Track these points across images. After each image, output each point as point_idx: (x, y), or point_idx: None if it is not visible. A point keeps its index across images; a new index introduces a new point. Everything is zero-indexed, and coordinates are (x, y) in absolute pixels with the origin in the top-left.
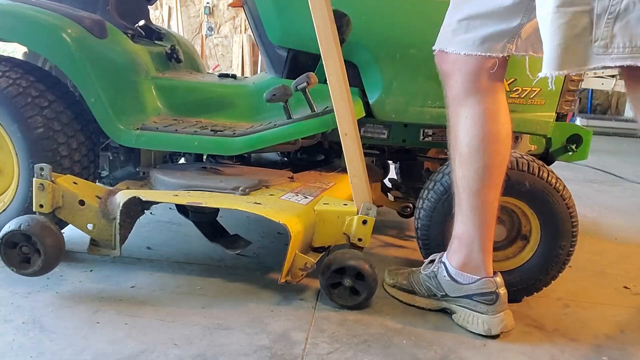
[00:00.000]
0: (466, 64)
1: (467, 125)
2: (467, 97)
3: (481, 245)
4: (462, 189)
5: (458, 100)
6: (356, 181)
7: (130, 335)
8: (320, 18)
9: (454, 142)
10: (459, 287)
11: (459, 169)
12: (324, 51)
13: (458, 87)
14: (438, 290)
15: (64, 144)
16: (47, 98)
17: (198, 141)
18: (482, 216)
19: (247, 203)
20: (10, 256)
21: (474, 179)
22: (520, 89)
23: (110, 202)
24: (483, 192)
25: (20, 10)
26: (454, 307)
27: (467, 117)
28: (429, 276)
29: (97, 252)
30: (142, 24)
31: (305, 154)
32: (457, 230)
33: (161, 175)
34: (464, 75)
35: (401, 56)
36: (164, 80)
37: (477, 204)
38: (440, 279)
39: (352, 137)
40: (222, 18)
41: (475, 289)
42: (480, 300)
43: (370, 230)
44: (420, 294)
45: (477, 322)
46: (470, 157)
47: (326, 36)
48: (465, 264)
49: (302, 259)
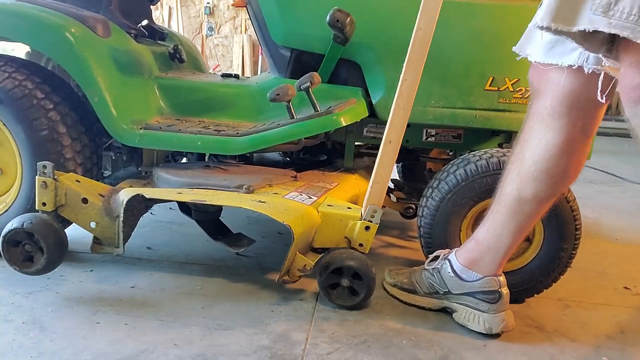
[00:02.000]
0: (562, 83)
1: (538, 148)
2: (552, 120)
3: (497, 256)
4: (502, 204)
5: (540, 119)
6: (377, 187)
7: (130, 335)
8: (425, 21)
9: (515, 156)
10: (462, 284)
11: (509, 185)
12: (412, 55)
13: (546, 106)
14: (441, 287)
15: (68, 147)
16: (52, 100)
17: (201, 141)
18: (511, 236)
19: (251, 201)
20: (13, 254)
21: (519, 203)
22: (523, 89)
23: (113, 200)
24: (523, 217)
25: (23, 9)
26: (455, 306)
27: (541, 140)
28: (432, 272)
29: (100, 251)
30: (145, 23)
31: (307, 154)
32: (479, 235)
33: (164, 173)
34: (560, 95)
35: (404, 56)
36: (167, 80)
37: (513, 224)
38: (444, 275)
39: (394, 147)
40: (223, 18)
41: (479, 286)
42: (483, 298)
43: (372, 237)
44: (421, 292)
45: (478, 321)
46: (526, 182)
47: (422, 41)
48: (472, 262)
49: (302, 260)
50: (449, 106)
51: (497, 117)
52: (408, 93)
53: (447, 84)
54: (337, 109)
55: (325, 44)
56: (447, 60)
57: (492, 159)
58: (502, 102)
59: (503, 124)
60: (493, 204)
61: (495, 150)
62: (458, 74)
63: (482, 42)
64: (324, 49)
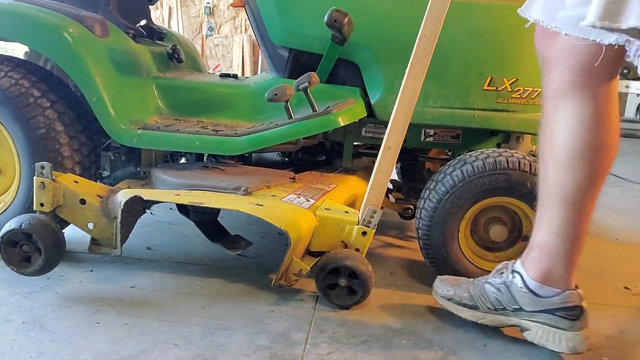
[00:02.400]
0: (580, 52)
1: (569, 127)
2: (575, 92)
3: (568, 258)
4: (554, 197)
5: (561, 94)
6: (375, 193)
7: (130, 335)
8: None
9: (547, 142)
10: (539, 301)
11: (554, 175)
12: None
13: (564, 80)
14: (510, 304)
15: (66, 145)
16: (49, 99)
17: (199, 141)
18: (575, 229)
19: (249, 204)
20: (10, 255)
21: (572, 189)
22: (522, 89)
23: (111, 201)
24: (581, 203)
25: (22, 9)
26: (527, 324)
27: (572, 118)
28: (498, 287)
29: (98, 251)
30: (143, 23)
31: (306, 154)
32: (539, 239)
33: (162, 174)
34: (575, 66)
35: (402, 56)
36: (166, 80)
37: (572, 215)
38: (514, 291)
39: (393, 153)
40: (223, 18)
41: (559, 302)
42: (563, 315)
43: (368, 242)
44: (483, 308)
45: (559, 340)
46: (571, 164)
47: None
48: (546, 275)
49: (298, 265)
50: (447, 106)
51: (495, 117)
52: (409, 100)
53: (445, 84)
54: (336, 109)
55: (324, 44)
56: (446, 60)
57: (489, 159)
58: (500, 102)
59: (501, 124)
60: (541, 201)
61: (491, 150)
62: (456, 74)
63: (480, 42)
64: (322, 49)
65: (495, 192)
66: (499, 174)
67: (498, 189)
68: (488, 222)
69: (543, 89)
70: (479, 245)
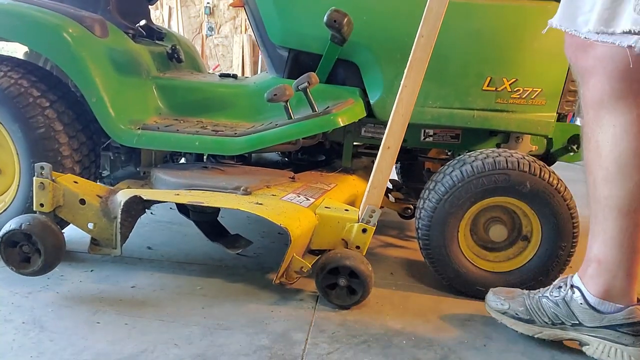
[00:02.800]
0: (618, 59)
1: (615, 136)
2: (617, 101)
3: (628, 270)
4: (607, 209)
5: (602, 104)
6: (374, 192)
7: (130, 335)
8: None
9: (594, 154)
10: (600, 317)
11: (604, 187)
12: (413, 62)
13: (603, 89)
14: (569, 319)
15: (66, 144)
16: (48, 98)
17: (199, 141)
18: (632, 239)
19: (249, 203)
20: (10, 255)
21: (626, 198)
22: (521, 89)
23: (111, 201)
24: (637, 212)
25: (21, 9)
26: (587, 339)
27: (616, 126)
28: (556, 303)
29: (98, 252)
30: (143, 23)
31: (306, 154)
32: (597, 253)
33: (162, 174)
34: (614, 74)
35: (402, 56)
36: (165, 80)
37: (628, 225)
38: (573, 307)
39: (393, 152)
40: (223, 18)
41: (621, 319)
42: (627, 331)
43: (369, 239)
44: (540, 323)
45: (621, 356)
46: (621, 174)
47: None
48: (607, 291)
49: (299, 263)
50: (446, 106)
51: (495, 118)
52: (408, 100)
53: (444, 84)
54: (335, 109)
55: (323, 44)
56: (445, 60)
57: (488, 160)
58: (499, 103)
59: (501, 124)
60: (593, 214)
61: (490, 150)
62: (456, 74)
63: (480, 42)
64: (322, 49)
65: (495, 192)
66: (498, 174)
67: (497, 189)
68: (488, 222)
69: (582, 99)
70: (479, 245)
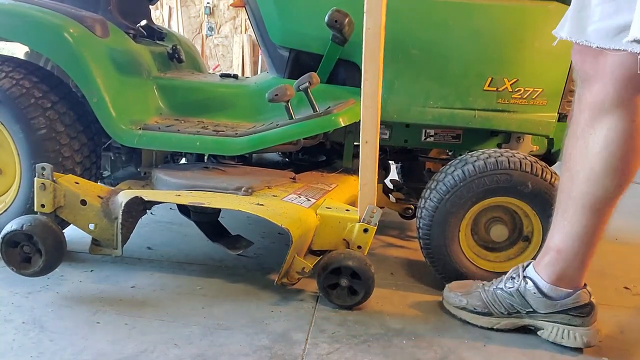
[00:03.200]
0: (627, 66)
1: (608, 139)
2: (617, 107)
3: (583, 261)
4: (580, 205)
5: (601, 108)
6: (366, 189)
7: (130, 335)
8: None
9: (580, 153)
10: (553, 304)
11: (584, 185)
12: (367, 54)
13: (605, 95)
14: (524, 308)
15: (67, 145)
16: (50, 99)
17: (200, 141)
18: (596, 234)
19: (250, 204)
20: (11, 256)
21: (602, 197)
22: (522, 89)
23: (112, 201)
24: (606, 210)
25: (22, 10)
26: (541, 324)
27: (610, 130)
28: (510, 293)
29: (99, 252)
30: (143, 23)
31: (307, 155)
32: (558, 243)
33: (163, 175)
34: (618, 81)
35: (403, 56)
36: (166, 80)
37: (596, 222)
38: (527, 296)
39: (372, 146)
40: (223, 18)
41: (572, 303)
42: (576, 313)
43: (370, 239)
44: (497, 314)
45: (573, 336)
46: (605, 174)
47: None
48: (559, 277)
49: (300, 263)
50: (447, 106)
51: (496, 118)
52: (371, 92)
53: (445, 85)
54: (336, 109)
55: (324, 44)
56: (446, 60)
57: (490, 159)
58: (500, 103)
59: (502, 124)
60: (561, 207)
61: (492, 150)
62: (456, 74)
63: (480, 42)
64: (323, 49)
65: (497, 192)
66: (500, 173)
67: (499, 189)
68: (489, 222)
69: (578, 101)
70: (480, 245)
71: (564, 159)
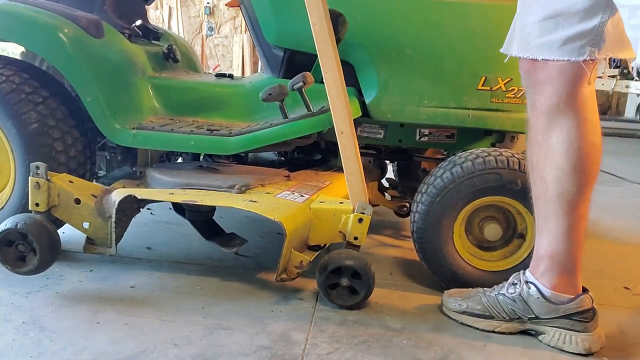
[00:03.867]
0: (569, 71)
1: (568, 137)
2: (568, 107)
3: (575, 262)
4: (558, 206)
5: (556, 111)
6: (352, 179)
7: (130, 335)
8: (316, 15)
9: (544, 156)
10: (555, 308)
11: (557, 186)
12: (320, 48)
13: (557, 97)
14: (526, 313)
15: (59, 139)
16: (41, 94)
17: (194, 140)
18: (579, 232)
19: (243, 201)
20: (5, 254)
21: (575, 193)
22: (516, 88)
23: (106, 200)
24: (581, 205)
25: (17, 9)
26: (542, 329)
27: (568, 128)
28: (513, 299)
29: (93, 251)
30: (139, 23)
31: (301, 154)
32: (548, 249)
33: (157, 173)
34: (565, 83)
35: (397, 56)
36: (161, 80)
37: (576, 219)
38: (530, 302)
39: (348, 135)
40: (223, 18)
41: (574, 308)
42: (579, 319)
43: (366, 229)
44: (499, 318)
45: (575, 342)
46: (573, 170)
47: (322, 33)
48: (559, 283)
49: (298, 257)
50: (441, 106)
51: (489, 117)
52: (334, 82)
53: (439, 84)
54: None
55: None
56: (440, 59)
57: (477, 160)
58: (494, 102)
59: (496, 123)
60: (542, 214)
61: (480, 150)
62: (451, 73)
63: (474, 41)
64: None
65: (487, 191)
66: (489, 173)
67: (489, 189)
68: (482, 222)
69: (532, 109)
70: (475, 245)
71: (530, 168)
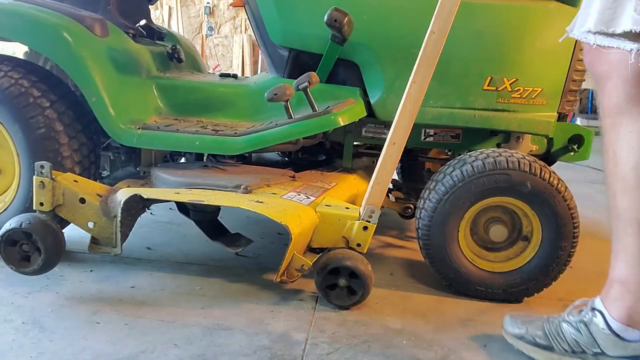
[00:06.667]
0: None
1: (631, 143)
2: (633, 106)
3: None
4: (628, 223)
5: (620, 110)
6: (377, 188)
7: (130, 335)
8: (439, 25)
9: (612, 163)
10: (624, 345)
11: (623, 199)
12: (423, 58)
13: (619, 94)
14: (590, 347)
15: (66, 145)
16: (49, 98)
17: (199, 141)
18: None
19: (249, 201)
20: (10, 254)
21: None
22: (522, 88)
23: (111, 200)
24: None
25: (21, 9)
26: None
27: (632, 132)
28: (576, 327)
29: (98, 250)
30: (143, 23)
31: (306, 154)
32: (619, 274)
33: (162, 173)
34: (628, 78)
35: (403, 56)
36: (165, 80)
37: None
38: (595, 332)
39: (397, 149)
40: (223, 18)
41: None
42: None
43: (369, 237)
44: (559, 350)
45: None
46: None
47: (435, 45)
48: (631, 315)
49: (300, 261)
50: (447, 106)
51: (495, 117)
52: (416, 96)
53: (445, 84)
54: (335, 109)
55: (323, 44)
56: (446, 60)
57: (488, 159)
58: (500, 102)
59: (501, 123)
60: (615, 230)
61: (491, 150)
62: (457, 73)
63: (480, 41)
64: (322, 48)
65: (495, 192)
66: (499, 173)
67: (498, 189)
68: (488, 222)
69: (600, 107)
70: (479, 245)
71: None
